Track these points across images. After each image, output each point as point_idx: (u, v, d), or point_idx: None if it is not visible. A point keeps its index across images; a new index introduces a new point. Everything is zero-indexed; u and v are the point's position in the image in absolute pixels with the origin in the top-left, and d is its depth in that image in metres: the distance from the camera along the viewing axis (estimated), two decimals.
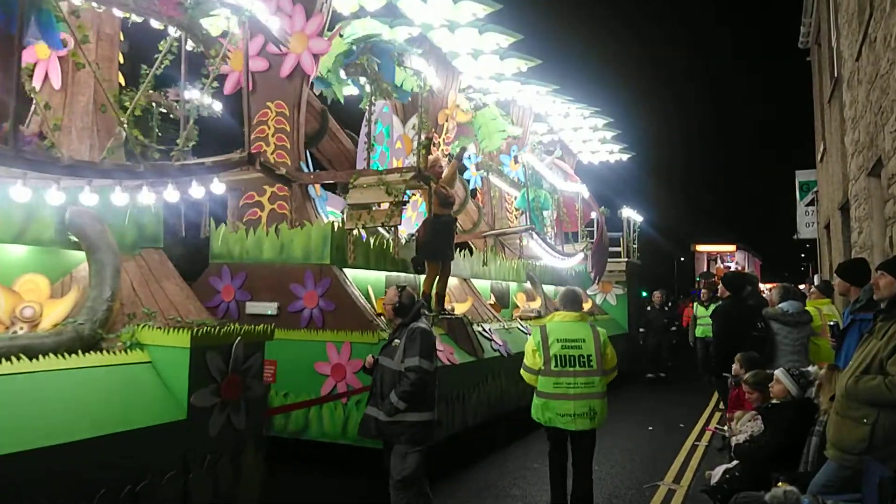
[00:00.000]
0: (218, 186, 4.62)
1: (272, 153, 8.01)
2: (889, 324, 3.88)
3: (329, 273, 7.33)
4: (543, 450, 6.00)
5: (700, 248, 49.24)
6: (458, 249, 10.62)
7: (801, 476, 4.43)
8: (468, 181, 13.91)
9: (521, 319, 11.36)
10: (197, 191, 4.48)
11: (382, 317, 8.16)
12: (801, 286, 12.89)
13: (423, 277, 8.63)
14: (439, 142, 10.93)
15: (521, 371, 5.62)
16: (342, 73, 8.48)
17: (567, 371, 5.30)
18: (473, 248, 12.13)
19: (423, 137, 7.76)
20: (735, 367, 6.39)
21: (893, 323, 3.89)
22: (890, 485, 3.48)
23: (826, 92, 13.16)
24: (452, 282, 10.45)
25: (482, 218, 13.65)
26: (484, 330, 9.18)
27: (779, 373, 5.24)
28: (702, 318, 13.76)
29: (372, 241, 8.08)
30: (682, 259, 55.68)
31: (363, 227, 7.32)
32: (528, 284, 13.14)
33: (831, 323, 6.23)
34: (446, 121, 10.98)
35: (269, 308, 7.56)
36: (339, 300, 7.27)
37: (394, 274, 8.79)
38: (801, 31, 16.51)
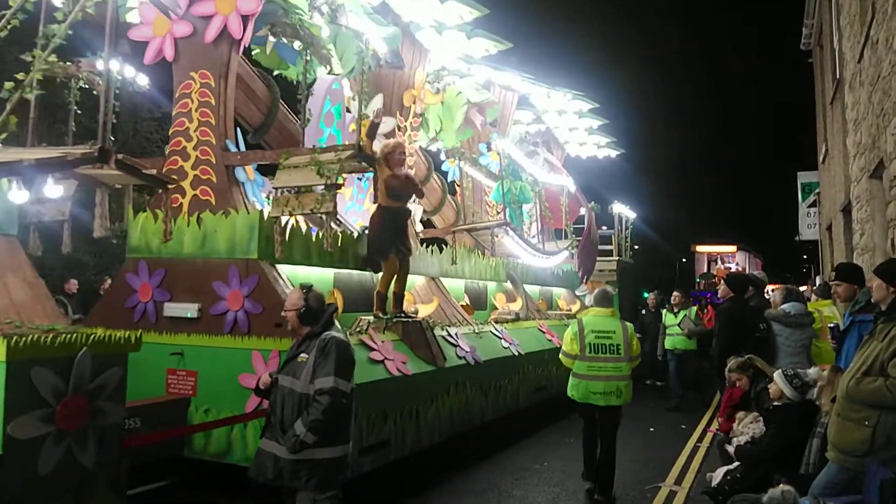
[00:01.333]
0: (53, 189, 3.58)
1: (195, 130, 7.07)
2: (889, 326, 3.92)
3: (256, 269, 6.41)
4: (544, 452, 7.46)
5: (700, 248, 48.24)
6: (426, 246, 9.65)
7: (802, 478, 4.46)
8: (445, 173, 12.81)
9: (497, 323, 10.24)
10: (18, 195, 3.46)
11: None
12: (803, 288, 12.66)
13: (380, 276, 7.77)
14: (405, 126, 9.94)
15: (560, 355, 6.83)
16: (270, 37, 7.41)
17: (599, 357, 6.51)
18: (448, 243, 11.03)
19: (364, 111, 6.89)
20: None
21: (894, 325, 3.91)
22: (891, 487, 3.50)
23: (828, 93, 13.36)
24: (418, 281, 9.44)
25: (461, 216, 12.56)
26: (449, 335, 8.28)
27: (775, 375, 5.34)
28: (671, 326, 12.28)
29: (319, 233, 7.19)
30: (685, 260, 54.80)
31: (291, 215, 6.37)
32: (508, 284, 12.15)
33: (832, 325, 6.28)
34: (413, 102, 9.96)
35: (189, 310, 6.64)
36: (267, 301, 6.34)
37: (344, 272, 7.91)
38: (803, 32, 16.74)
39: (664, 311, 12.60)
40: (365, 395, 6.08)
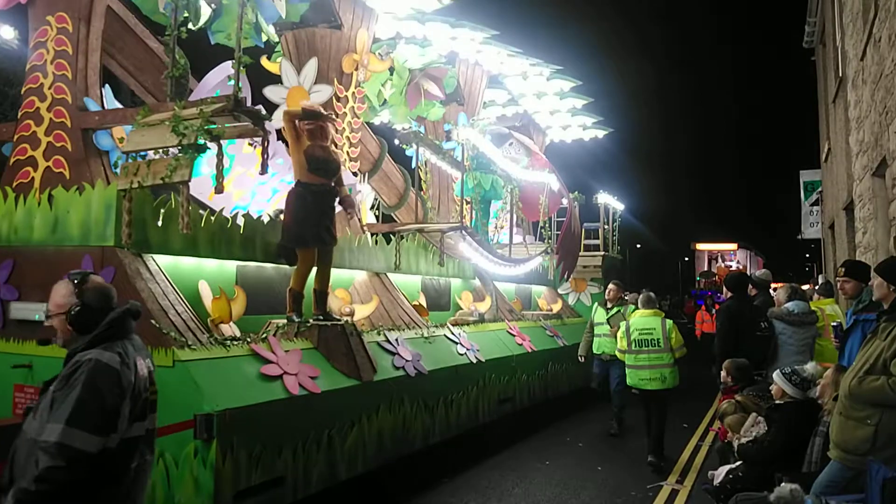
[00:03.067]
0: None
1: (50, 87, 5.89)
2: (892, 324, 3.94)
3: (113, 260, 5.23)
4: (550, 451, 8.22)
5: (700, 246, 47.11)
6: (373, 237, 8.49)
7: (804, 476, 4.47)
8: (410, 158, 11.03)
9: (456, 325, 9.01)
10: None
11: (214, 323, 5.89)
12: (806, 286, 11.75)
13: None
14: (346, 96, 8.69)
15: (615, 351, 8.51)
16: None
17: (643, 350, 7.94)
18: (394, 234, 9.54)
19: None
20: (722, 374, 6.56)
21: None
22: (893, 486, 3.55)
23: (831, 92, 13.52)
24: (358, 277, 8.32)
25: (428, 214, 10.94)
26: (388, 340, 7.08)
27: (774, 375, 5.42)
28: (599, 325, 10.07)
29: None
30: (687, 259, 53.94)
31: (140, 186, 5.05)
32: (476, 282, 10.92)
33: (835, 323, 6.28)
34: (355, 69, 8.69)
35: (38, 311, 5.43)
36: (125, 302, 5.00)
37: (251, 265, 6.70)
38: (805, 30, 17.01)
39: (595, 306, 10.40)
40: (246, 422, 4.91)
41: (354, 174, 8.94)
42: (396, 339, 7.20)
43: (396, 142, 10.25)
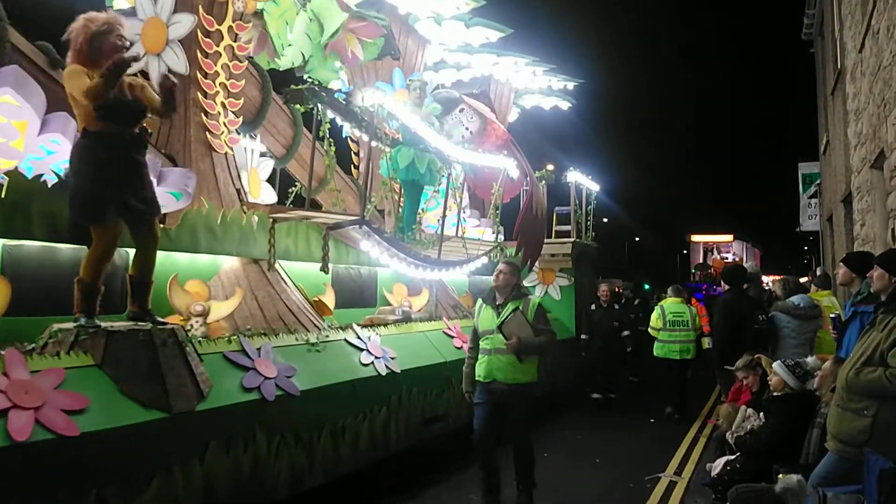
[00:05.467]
0: None
1: None
2: (890, 316, 4.03)
3: None
4: (547, 444, 7.93)
5: (696, 237, 47.15)
6: (251, 212, 6.65)
7: (801, 468, 4.58)
8: (326, 125, 7.11)
9: (370, 326, 7.18)
10: None
11: None
12: (804, 279, 12.22)
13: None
14: (218, 31, 6.73)
15: (648, 329, 10.62)
16: None
17: (675, 329, 10.30)
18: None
19: None
20: (740, 362, 6.49)
21: (894, 315, 4.03)
22: (890, 476, 3.63)
23: (829, 83, 13.85)
24: (227, 264, 6.58)
25: (366, 203, 7.95)
26: (244, 351, 5.27)
27: (775, 365, 5.52)
28: (488, 337, 6.01)
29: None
30: (686, 252, 54.35)
31: None
32: None
33: (833, 315, 6.42)
34: (231, 3, 6.74)
35: None
36: None
37: (29, 245, 5.03)
38: (804, 22, 17.27)
39: (479, 304, 6.27)
40: None
41: (238, 132, 7.28)
42: (259, 349, 5.41)
43: (284, 99, 7.40)
